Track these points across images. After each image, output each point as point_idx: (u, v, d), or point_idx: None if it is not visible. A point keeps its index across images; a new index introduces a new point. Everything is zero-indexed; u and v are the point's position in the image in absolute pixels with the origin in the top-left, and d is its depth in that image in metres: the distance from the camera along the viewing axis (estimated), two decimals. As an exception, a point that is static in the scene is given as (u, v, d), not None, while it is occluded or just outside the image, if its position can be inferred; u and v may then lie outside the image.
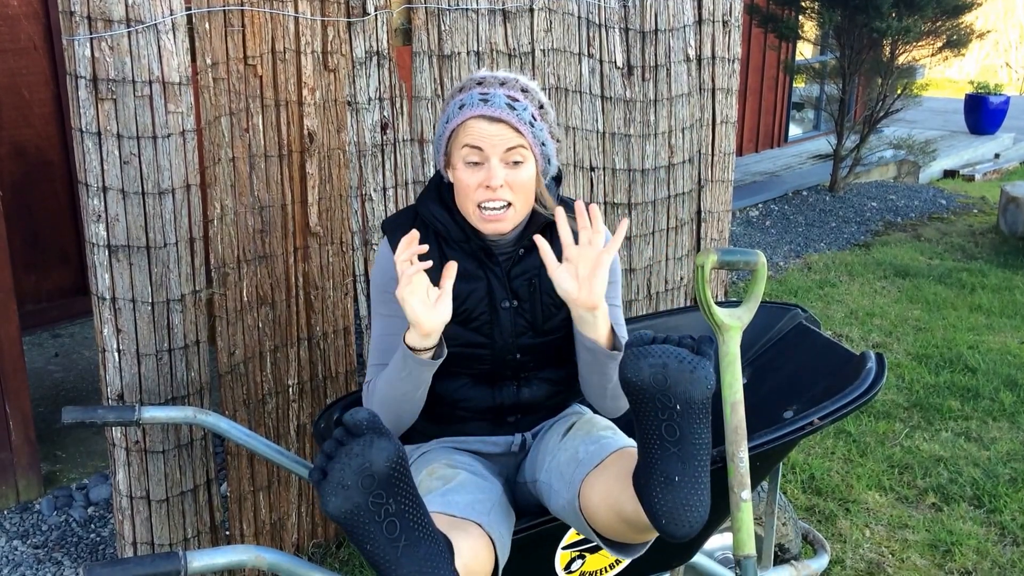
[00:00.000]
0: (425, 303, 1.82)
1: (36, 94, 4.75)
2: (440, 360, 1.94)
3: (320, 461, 1.43)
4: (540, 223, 2.07)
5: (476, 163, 1.93)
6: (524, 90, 1.97)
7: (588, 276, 1.84)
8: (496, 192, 1.93)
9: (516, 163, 1.93)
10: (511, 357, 2.09)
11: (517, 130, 1.92)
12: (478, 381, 2.13)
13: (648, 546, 1.87)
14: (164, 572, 1.60)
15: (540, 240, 1.84)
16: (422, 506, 1.49)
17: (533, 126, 1.94)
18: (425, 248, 1.79)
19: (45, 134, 4.83)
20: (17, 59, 4.65)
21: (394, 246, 2.07)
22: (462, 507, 1.82)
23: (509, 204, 1.95)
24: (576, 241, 1.86)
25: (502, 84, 1.96)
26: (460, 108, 1.94)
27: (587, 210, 1.83)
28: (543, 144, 1.98)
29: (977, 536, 3.24)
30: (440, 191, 2.08)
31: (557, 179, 2.13)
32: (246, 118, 2.60)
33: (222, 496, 3.22)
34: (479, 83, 1.97)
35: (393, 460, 1.44)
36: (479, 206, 1.95)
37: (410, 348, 1.88)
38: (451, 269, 1.85)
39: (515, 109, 1.92)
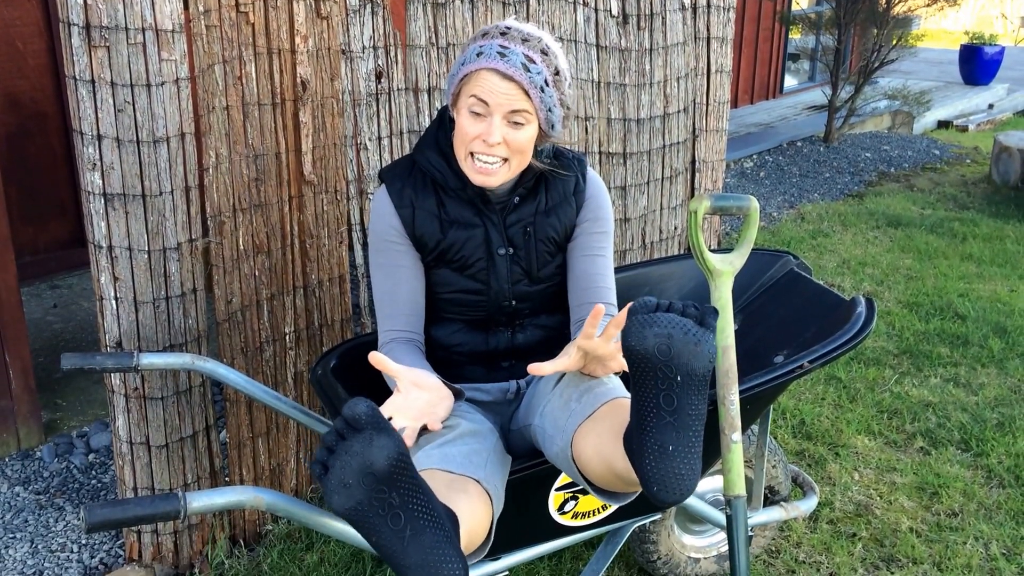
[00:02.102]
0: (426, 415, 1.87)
1: (30, 45, 4.72)
2: (462, 398, 2.00)
3: (321, 454, 1.42)
4: (534, 173, 2.09)
5: (479, 114, 1.93)
6: (544, 52, 1.95)
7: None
8: (492, 148, 1.94)
9: (517, 123, 1.94)
10: (506, 304, 2.12)
11: (526, 92, 1.91)
12: (473, 327, 2.16)
13: (637, 494, 1.90)
14: (163, 512, 1.62)
15: (537, 368, 1.80)
16: (426, 492, 1.48)
17: (543, 91, 1.93)
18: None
19: (40, 85, 4.81)
20: (11, 10, 4.62)
21: (392, 195, 2.09)
22: (459, 461, 1.83)
23: (504, 160, 1.97)
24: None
25: (524, 40, 1.93)
26: (477, 55, 1.93)
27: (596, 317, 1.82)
28: (549, 110, 1.96)
29: (964, 479, 3.29)
30: (438, 139, 2.08)
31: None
32: (239, 66, 2.60)
33: (221, 442, 3.27)
34: (503, 33, 1.94)
35: (394, 457, 1.42)
36: (472, 154, 1.96)
37: None
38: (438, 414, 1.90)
39: (529, 71, 1.90)
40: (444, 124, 2.08)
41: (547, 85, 1.94)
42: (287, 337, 2.92)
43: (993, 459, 3.40)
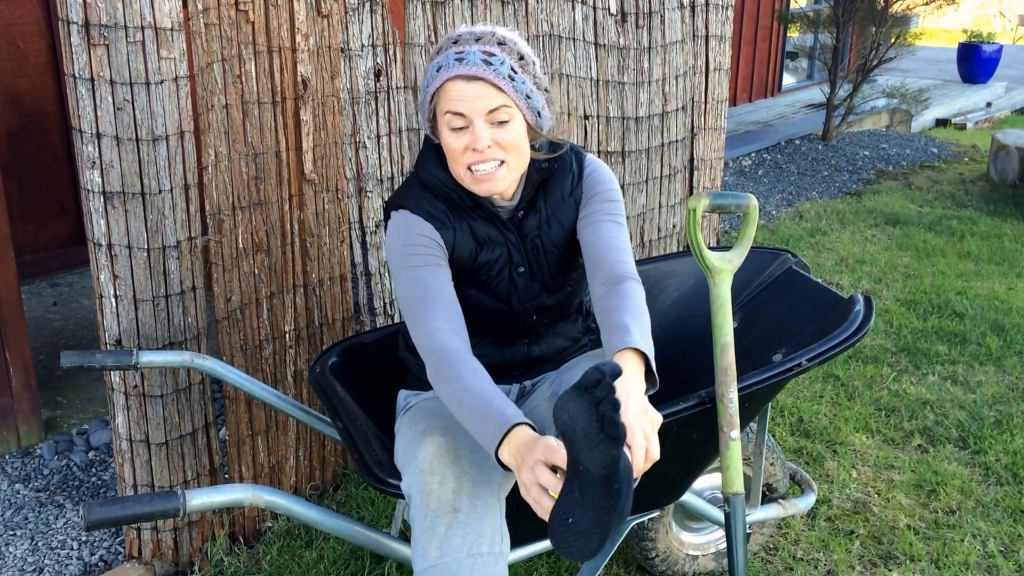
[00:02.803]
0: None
1: (31, 44, 4.73)
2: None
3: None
4: (535, 182, 2.04)
5: (461, 128, 1.88)
6: (501, 43, 1.88)
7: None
8: (484, 154, 1.88)
9: (502, 122, 1.88)
10: (528, 320, 2.11)
11: (497, 87, 1.85)
12: (492, 341, 2.15)
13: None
14: (163, 510, 1.63)
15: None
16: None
17: (513, 80, 1.87)
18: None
19: (40, 84, 4.81)
20: (11, 9, 4.62)
21: (423, 215, 1.99)
22: (485, 559, 1.79)
23: (501, 162, 1.91)
24: None
25: (477, 40, 1.88)
26: (437, 71, 1.88)
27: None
28: (528, 97, 1.90)
29: (962, 476, 3.30)
30: (440, 155, 2.02)
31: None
32: (239, 64, 2.61)
33: (221, 440, 3.27)
34: (455, 42, 1.89)
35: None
36: (469, 168, 1.91)
37: (497, 456, 1.67)
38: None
39: (491, 64, 1.84)
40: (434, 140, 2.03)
41: (515, 72, 1.87)
42: (287, 335, 2.92)
43: (991, 457, 3.41)
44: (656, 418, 1.68)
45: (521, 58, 1.90)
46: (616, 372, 1.47)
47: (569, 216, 2.09)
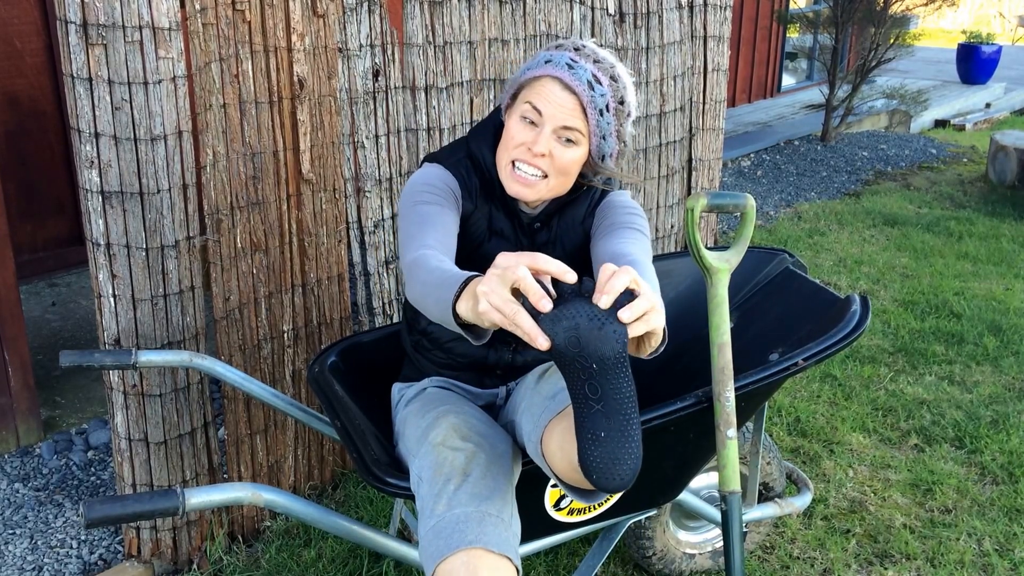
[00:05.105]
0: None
1: (28, 44, 4.73)
2: (482, 340, 1.64)
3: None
4: (561, 203, 2.05)
5: (531, 122, 1.89)
6: (614, 79, 1.89)
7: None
8: (535, 159, 1.89)
9: (568, 141, 1.89)
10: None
11: (584, 111, 1.87)
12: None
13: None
14: (162, 508, 1.64)
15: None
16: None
17: (602, 115, 1.88)
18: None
19: (38, 84, 4.81)
20: (8, 9, 4.63)
21: (458, 179, 2.02)
22: (494, 520, 1.76)
23: (544, 176, 1.92)
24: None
25: (596, 62, 1.89)
26: (546, 63, 1.89)
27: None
28: (603, 138, 1.91)
29: (958, 476, 3.31)
30: (497, 137, 2.04)
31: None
32: (236, 64, 2.62)
33: (219, 439, 3.28)
34: (577, 49, 1.90)
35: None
36: (514, 163, 1.92)
37: (455, 309, 1.57)
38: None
39: (593, 90, 1.86)
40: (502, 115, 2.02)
41: (607, 111, 1.88)
42: (285, 335, 2.93)
43: (987, 456, 3.42)
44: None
45: (621, 102, 1.91)
46: (589, 283, 1.50)
47: (573, 242, 2.10)
